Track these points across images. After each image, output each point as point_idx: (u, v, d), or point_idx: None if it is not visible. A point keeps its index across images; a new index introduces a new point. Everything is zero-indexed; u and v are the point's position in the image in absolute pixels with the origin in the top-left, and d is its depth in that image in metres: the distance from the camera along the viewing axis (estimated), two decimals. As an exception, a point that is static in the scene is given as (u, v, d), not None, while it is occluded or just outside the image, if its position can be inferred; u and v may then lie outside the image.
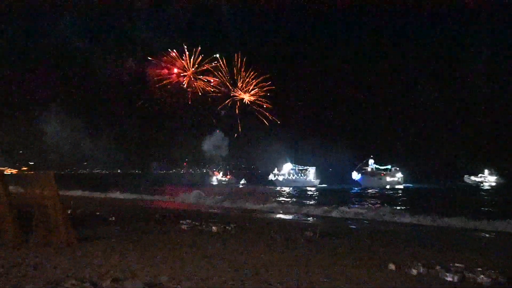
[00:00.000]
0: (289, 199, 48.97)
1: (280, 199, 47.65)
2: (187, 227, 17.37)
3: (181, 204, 36.33)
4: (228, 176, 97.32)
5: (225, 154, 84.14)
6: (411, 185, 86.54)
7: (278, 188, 75.72)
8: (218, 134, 78.55)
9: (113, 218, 19.56)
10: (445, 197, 56.32)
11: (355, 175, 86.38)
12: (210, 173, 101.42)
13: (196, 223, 18.21)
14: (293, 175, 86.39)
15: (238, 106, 52.39)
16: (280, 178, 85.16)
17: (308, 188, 77.18)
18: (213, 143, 79.85)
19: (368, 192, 66.90)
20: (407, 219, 25.62)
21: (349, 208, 32.09)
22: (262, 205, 33.96)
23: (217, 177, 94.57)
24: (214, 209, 32.28)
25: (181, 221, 18.67)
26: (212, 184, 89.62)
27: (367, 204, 41.75)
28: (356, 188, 78.50)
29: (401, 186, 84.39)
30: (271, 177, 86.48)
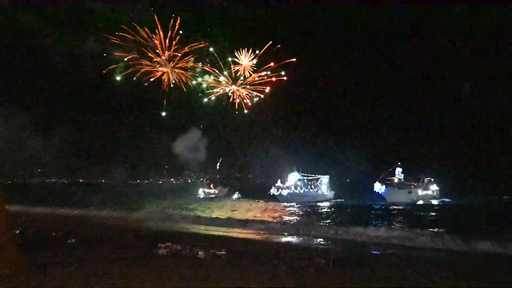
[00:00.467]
0: (295, 217, 49.10)
1: (284, 217, 47.90)
2: (166, 252, 17.31)
3: (158, 222, 36.19)
4: (219, 188, 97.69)
5: (203, 159, 79.05)
6: (450, 200, 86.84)
7: (282, 204, 75.56)
8: (193, 132, 72.51)
9: (73, 240, 19.46)
10: (502, 215, 55.77)
11: (378, 187, 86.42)
12: (199, 184, 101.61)
13: (178, 247, 18.13)
14: (301, 188, 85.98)
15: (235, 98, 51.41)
16: (285, 192, 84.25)
17: (320, 203, 77.21)
18: (187, 144, 73.10)
19: (394, 208, 66.89)
20: (451, 244, 25.16)
21: (370, 228, 32.01)
22: (262, 225, 34.01)
23: (204, 190, 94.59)
24: (201, 229, 32.19)
25: (159, 244, 18.60)
26: (198, 198, 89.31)
27: (394, 224, 41.68)
28: (379, 203, 78.53)
29: (436, 202, 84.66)
30: (273, 191, 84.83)
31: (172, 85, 49.51)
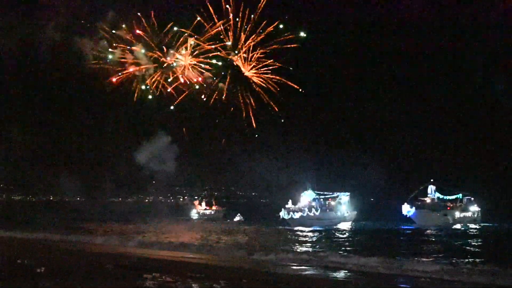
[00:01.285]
0: (310, 245, 49.09)
1: (296, 245, 47.99)
2: (154, 285, 17.25)
3: (146, 247, 36.19)
4: (214, 207, 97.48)
5: (173, 170, 73.33)
6: (494, 224, 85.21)
7: (293, 229, 75.14)
8: (161, 137, 65.98)
9: (43, 270, 19.40)
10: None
11: (407, 209, 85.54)
12: (189, 203, 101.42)
13: (168, 279, 18.08)
14: (317, 210, 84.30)
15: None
16: (297, 215, 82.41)
17: (339, 226, 76.56)
18: (153, 151, 65.65)
19: (426, 234, 66.48)
20: (500, 280, 24.55)
21: (398, 258, 31.82)
22: (268, 255, 33.90)
23: (199, 210, 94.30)
24: (193, 256, 32.17)
25: (144, 275, 18.57)
26: (192, 219, 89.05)
27: (427, 253, 41.44)
28: (409, 227, 78.02)
29: (477, 226, 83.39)
30: (283, 214, 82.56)
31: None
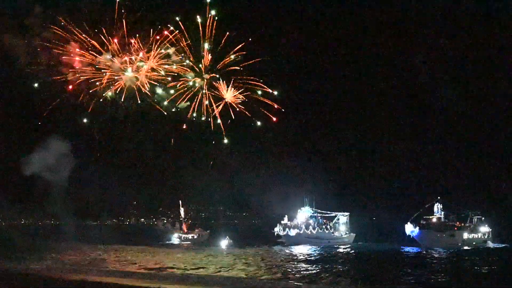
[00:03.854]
0: (305, 267, 48.34)
1: (290, 267, 47.83)
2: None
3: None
4: (196, 231, 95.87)
5: (66, 177, 66.84)
6: (507, 245, 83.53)
7: (288, 249, 73.83)
8: (54, 141, 59.01)
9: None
10: None
11: (410, 229, 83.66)
12: (169, 226, 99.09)
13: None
14: (314, 228, 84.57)
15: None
16: (293, 232, 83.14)
17: (338, 248, 76.34)
18: (44, 158, 57.96)
19: (432, 257, 64.71)
20: None
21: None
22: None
23: (180, 234, 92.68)
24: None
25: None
26: (172, 244, 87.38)
27: (432, 279, 39.60)
28: (413, 249, 76.55)
29: (489, 246, 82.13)
30: (278, 230, 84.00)
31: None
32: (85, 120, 48.23)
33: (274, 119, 48.39)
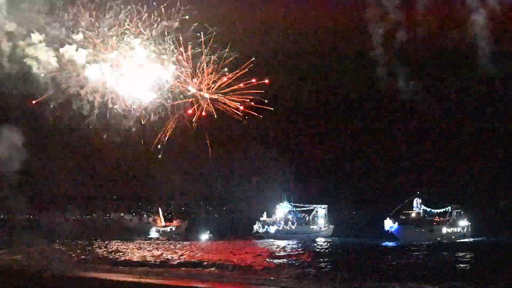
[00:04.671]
0: (283, 261, 48.91)
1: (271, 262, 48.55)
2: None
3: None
4: (175, 223, 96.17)
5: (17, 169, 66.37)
6: (485, 238, 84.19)
7: (268, 243, 74.55)
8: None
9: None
10: None
11: (389, 224, 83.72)
12: (150, 219, 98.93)
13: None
14: (293, 223, 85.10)
15: None
16: (272, 229, 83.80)
17: (316, 242, 76.58)
18: None
19: (409, 249, 65.19)
20: None
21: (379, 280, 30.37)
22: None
23: (157, 228, 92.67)
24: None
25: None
26: (150, 237, 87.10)
27: (407, 274, 39.65)
28: (390, 244, 76.76)
29: (467, 240, 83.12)
30: (257, 227, 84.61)
31: None
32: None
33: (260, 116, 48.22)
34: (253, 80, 46.70)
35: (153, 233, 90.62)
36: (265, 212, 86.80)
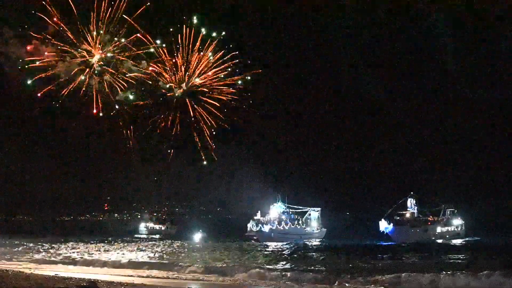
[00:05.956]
0: (277, 264, 48.61)
1: (262, 264, 48.09)
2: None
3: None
4: (166, 224, 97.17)
5: None
6: (479, 238, 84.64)
7: (261, 245, 74.55)
8: None
9: None
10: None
11: (384, 225, 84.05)
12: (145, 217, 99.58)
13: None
14: (286, 224, 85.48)
15: None
16: (266, 228, 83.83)
17: (310, 243, 76.87)
18: None
19: (404, 249, 66.00)
20: None
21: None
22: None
23: (147, 224, 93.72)
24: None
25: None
26: (139, 237, 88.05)
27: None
28: (385, 245, 76.83)
29: (461, 240, 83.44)
30: (251, 226, 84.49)
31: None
32: None
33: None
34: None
35: (143, 231, 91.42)
36: (259, 211, 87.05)
